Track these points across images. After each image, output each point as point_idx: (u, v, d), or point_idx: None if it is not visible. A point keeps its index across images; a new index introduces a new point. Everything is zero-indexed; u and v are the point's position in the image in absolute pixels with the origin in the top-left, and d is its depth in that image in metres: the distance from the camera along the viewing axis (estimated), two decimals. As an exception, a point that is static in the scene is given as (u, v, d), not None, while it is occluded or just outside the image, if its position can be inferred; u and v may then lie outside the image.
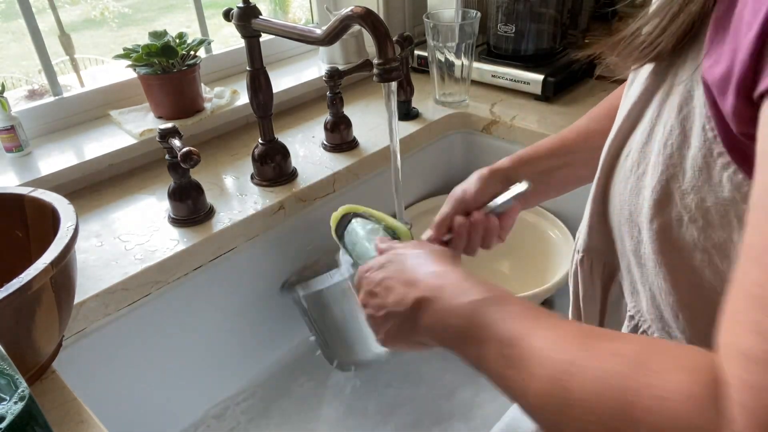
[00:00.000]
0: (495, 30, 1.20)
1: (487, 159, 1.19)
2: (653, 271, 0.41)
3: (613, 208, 0.46)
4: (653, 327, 0.44)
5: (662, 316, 0.43)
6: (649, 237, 0.40)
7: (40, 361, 0.58)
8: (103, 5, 4.44)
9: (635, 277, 0.45)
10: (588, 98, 1.15)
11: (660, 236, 0.39)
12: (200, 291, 0.85)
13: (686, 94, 0.36)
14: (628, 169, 0.43)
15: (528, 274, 1.10)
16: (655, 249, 0.40)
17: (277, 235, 0.93)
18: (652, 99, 0.41)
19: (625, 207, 0.43)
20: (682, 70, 0.37)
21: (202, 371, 0.92)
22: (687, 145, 0.36)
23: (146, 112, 1.05)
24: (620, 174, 0.44)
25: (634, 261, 0.44)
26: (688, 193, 0.36)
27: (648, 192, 0.39)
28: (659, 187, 0.38)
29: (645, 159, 0.40)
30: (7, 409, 0.37)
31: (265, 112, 0.89)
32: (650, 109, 0.41)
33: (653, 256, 0.40)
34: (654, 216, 0.39)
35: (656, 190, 0.38)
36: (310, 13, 1.40)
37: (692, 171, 0.36)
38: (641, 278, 0.44)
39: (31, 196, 0.62)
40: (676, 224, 0.38)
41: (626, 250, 0.45)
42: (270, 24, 0.77)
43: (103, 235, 0.82)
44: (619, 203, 0.44)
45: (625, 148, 0.44)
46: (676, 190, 0.37)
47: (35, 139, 0.99)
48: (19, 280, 0.48)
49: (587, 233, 0.51)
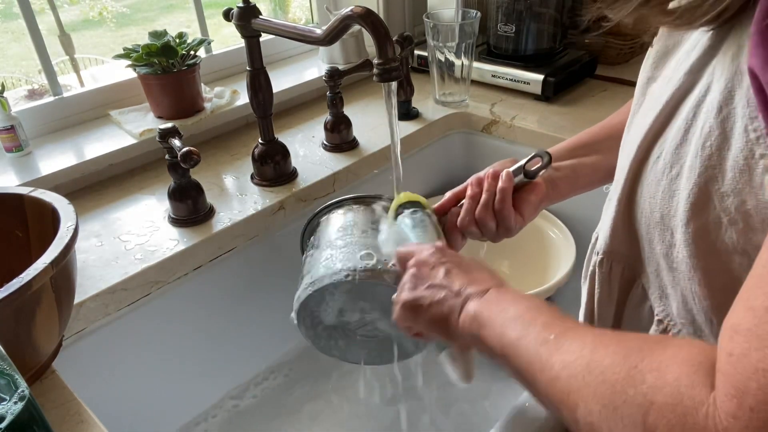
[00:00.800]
0: (495, 30, 1.20)
1: (487, 159, 1.19)
2: (687, 275, 0.41)
3: (642, 211, 0.45)
4: (684, 331, 0.44)
5: (694, 321, 0.42)
6: (684, 240, 0.39)
7: (40, 361, 0.58)
8: (102, 5, 4.44)
9: (665, 281, 0.44)
10: (588, 98, 1.15)
11: (696, 240, 0.38)
12: (200, 291, 0.85)
13: (726, 94, 0.35)
14: (659, 171, 0.42)
15: (528, 274, 1.10)
16: (690, 253, 0.39)
17: (277, 235, 0.93)
18: (686, 99, 0.40)
19: (656, 210, 0.42)
20: (721, 68, 0.36)
21: (201, 371, 0.92)
22: (727, 147, 0.35)
23: (146, 112, 1.05)
24: (650, 176, 0.43)
25: (665, 265, 0.43)
26: (728, 195, 0.36)
27: (684, 194, 0.38)
28: (696, 189, 0.37)
29: (679, 161, 0.39)
30: (7, 409, 0.37)
31: (265, 112, 0.89)
32: (683, 110, 0.40)
33: (688, 260, 0.40)
34: (690, 219, 0.38)
35: (693, 192, 0.38)
36: (310, 13, 1.40)
37: (732, 173, 0.35)
38: (672, 282, 0.43)
39: (31, 196, 0.62)
40: (714, 227, 0.37)
41: (655, 254, 0.44)
42: (270, 24, 0.77)
43: (103, 235, 0.82)
44: (649, 206, 0.43)
45: (654, 149, 0.43)
46: (714, 192, 0.36)
47: (35, 139, 0.99)
48: (19, 280, 0.48)
49: (609, 235, 0.50)
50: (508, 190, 0.61)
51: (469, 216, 0.63)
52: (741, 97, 0.34)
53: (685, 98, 0.40)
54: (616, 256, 0.51)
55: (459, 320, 0.47)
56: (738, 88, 0.34)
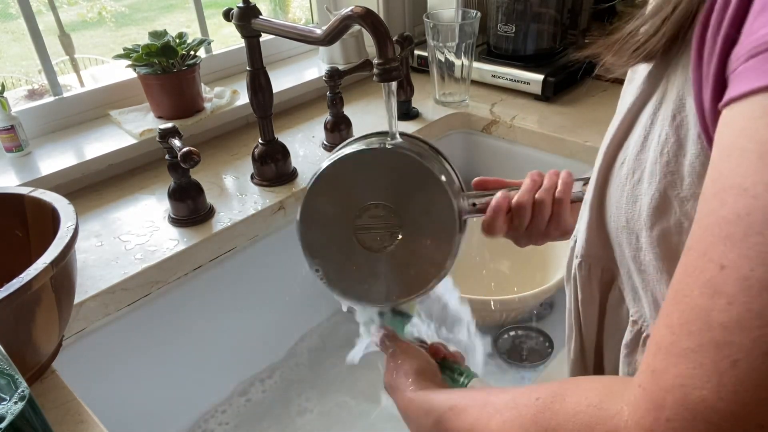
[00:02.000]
0: (495, 30, 1.20)
1: (487, 159, 1.19)
2: (655, 277, 0.41)
3: (610, 216, 0.46)
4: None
5: None
6: (649, 244, 0.40)
7: (40, 361, 0.58)
8: (101, 5, 4.44)
9: (636, 283, 0.45)
10: (588, 98, 1.15)
11: (660, 243, 0.39)
12: (200, 291, 0.85)
13: (678, 102, 0.36)
14: (623, 176, 0.43)
15: (528, 274, 1.10)
16: (656, 256, 0.40)
17: (277, 235, 0.93)
18: (645, 106, 0.41)
19: (621, 215, 0.43)
20: (674, 76, 0.37)
21: (201, 371, 0.92)
22: (683, 153, 0.36)
23: (146, 112, 1.05)
24: (616, 181, 0.44)
25: (634, 268, 0.44)
26: (687, 200, 0.36)
27: (646, 199, 0.39)
28: (657, 194, 0.38)
29: (640, 166, 0.40)
30: (7, 409, 0.37)
31: (265, 112, 0.89)
32: (644, 116, 0.41)
33: (654, 262, 0.40)
34: (654, 223, 0.39)
35: (654, 197, 0.38)
36: (310, 13, 1.40)
37: (690, 178, 0.36)
38: (642, 284, 0.44)
39: (31, 196, 0.62)
40: (675, 231, 0.38)
41: (625, 257, 0.45)
42: (270, 24, 0.77)
43: (103, 235, 0.82)
44: (615, 211, 0.44)
45: (619, 154, 0.44)
46: (674, 197, 0.37)
47: (35, 139, 0.99)
48: (19, 280, 0.48)
49: (585, 239, 0.51)
50: (570, 183, 0.61)
51: (528, 195, 0.61)
52: (691, 105, 0.35)
53: (644, 106, 0.41)
54: (593, 259, 0.51)
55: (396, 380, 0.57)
56: (688, 96, 0.35)
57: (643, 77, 0.42)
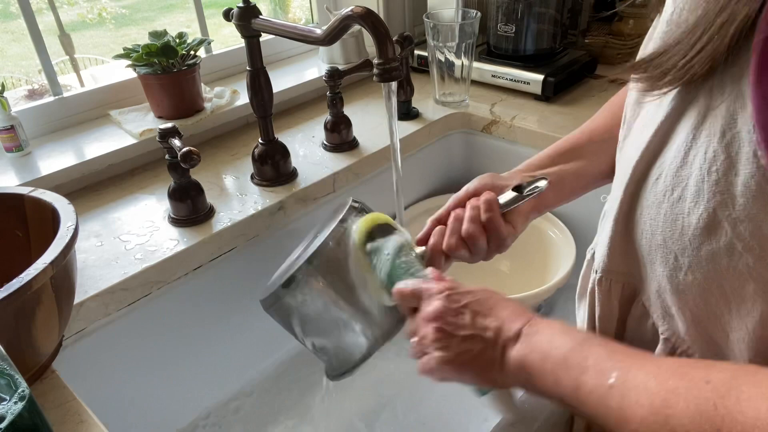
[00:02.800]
0: (495, 30, 1.20)
1: (487, 159, 1.19)
2: (698, 297, 0.40)
3: (642, 233, 0.44)
4: (693, 348, 0.44)
5: (708, 337, 0.42)
6: (696, 264, 0.39)
7: (40, 361, 0.58)
8: (101, 6, 4.44)
9: (668, 302, 0.44)
10: (588, 98, 1.15)
11: (709, 264, 0.38)
12: (200, 291, 0.85)
13: (729, 118, 0.34)
14: (660, 193, 0.41)
15: (528, 274, 1.10)
16: (703, 276, 0.39)
17: (277, 235, 0.93)
18: (682, 119, 0.39)
19: (657, 233, 0.41)
20: (720, 90, 0.35)
21: (201, 371, 0.92)
22: (735, 172, 0.34)
23: (146, 112, 1.05)
24: (650, 198, 0.42)
25: (669, 287, 0.42)
26: (741, 221, 0.35)
27: (693, 219, 0.38)
28: (706, 215, 0.37)
29: (681, 183, 0.38)
30: (7, 409, 0.37)
31: (265, 112, 0.89)
32: (681, 131, 0.39)
33: (702, 282, 0.39)
34: (701, 244, 0.38)
35: (703, 218, 0.37)
36: (310, 13, 1.40)
37: (744, 198, 0.34)
38: (677, 303, 0.42)
39: (31, 196, 0.62)
40: (726, 253, 0.36)
41: (657, 275, 0.43)
42: (270, 24, 0.77)
43: (103, 235, 0.82)
44: (650, 228, 0.42)
45: (653, 169, 0.42)
46: (725, 218, 0.36)
47: (35, 139, 0.99)
48: (19, 280, 0.48)
49: (607, 254, 0.49)
50: (493, 200, 0.58)
51: (455, 235, 0.59)
52: (745, 121, 0.33)
53: (681, 118, 0.39)
54: (615, 274, 0.50)
55: (503, 370, 0.45)
56: (741, 111, 0.33)
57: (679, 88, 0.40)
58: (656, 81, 0.38)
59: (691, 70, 0.35)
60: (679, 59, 0.36)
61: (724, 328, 0.40)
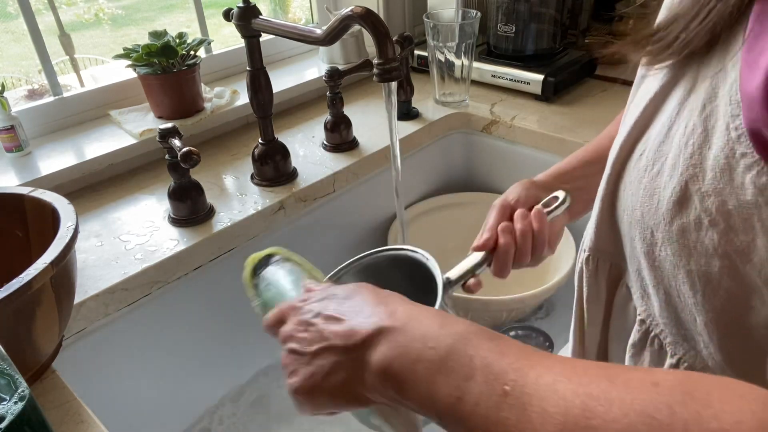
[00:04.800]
0: (495, 30, 1.20)
1: (487, 159, 1.19)
2: (671, 272, 0.40)
3: (624, 209, 0.44)
4: (666, 331, 0.44)
5: (679, 319, 0.42)
6: (668, 239, 0.39)
7: (40, 361, 0.58)
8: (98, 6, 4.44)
9: (646, 280, 0.44)
10: (588, 98, 1.15)
11: (680, 239, 0.38)
12: (200, 291, 0.85)
13: (710, 92, 0.35)
14: (641, 168, 0.41)
15: (528, 274, 1.10)
16: (673, 251, 0.39)
17: (277, 235, 0.93)
18: (670, 96, 0.40)
19: (637, 208, 0.42)
20: (706, 67, 0.36)
21: (201, 371, 0.92)
22: (708, 145, 0.34)
23: (146, 112, 1.05)
24: (632, 173, 0.43)
25: (646, 264, 0.42)
26: (708, 195, 0.35)
27: (666, 192, 0.38)
28: (678, 188, 0.37)
29: (661, 158, 0.39)
30: (7, 409, 0.37)
31: (265, 112, 0.89)
32: (668, 106, 0.40)
33: (671, 258, 0.39)
34: (673, 218, 0.38)
35: (675, 191, 0.37)
36: (310, 13, 1.40)
37: (713, 172, 0.34)
38: (653, 281, 0.43)
39: (31, 196, 0.62)
40: (694, 227, 0.36)
41: (637, 253, 0.44)
42: (270, 24, 0.77)
43: (103, 235, 0.82)
44: (630, 204, 0.43)
45: (638, 146, 0.43)
46: (695, 192, 0.36)
47: (35, 139, 0.99)
48: (19, 280, 0.48)
49: (594, 233, 0.50)
50: (540, 213, 0.58)
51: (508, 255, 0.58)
52: (724, 94, 0.34)
53: (668, 95, 0.40)
54: (601, 254, 0.50)
55: (366, 386, 0.36)
56: (722, 84, 0.34)
57: (666, 68, 0.40)
58: (658, 55, 0.38)
59: (690, 44, 0.36)
60: (680, 32, 0.36)
61: (691, 310, 0.39)
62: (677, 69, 0.39)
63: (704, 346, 0.40)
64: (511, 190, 0.62)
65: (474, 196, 1.19)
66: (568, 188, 0.61)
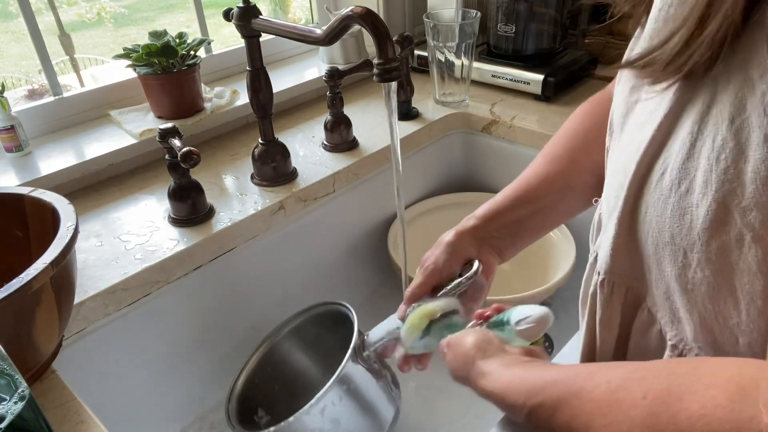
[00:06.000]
0: (495, 30, 1.20)
1: (486, 159, 1.19)
2: (708, 294, 0.38)
3: (648, 231, 0.42)
4: (701, 355, 0.42)
5: (716, 342, 0.40)
6: (705, 259, 0.37)
7: (40, 361, 0.58)
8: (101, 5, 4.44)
9: (677, 304, 0.42)
10: (588, 98, 1.15)
11: (719, 258, 0.36)
12: (200, 291, 0.85)
13: (737, 104, 0.34)
14: (666, 188, 0.39)
15: (528, 273, 1.10)
16: (712, 272, 0.37)
17: (277, 235, 0.93)
18: (685, 112, 0.38)
19: (665, 230, 0.40)
20: (726, 77, 0.35)
21: (201, 371, 0.92)
22: (744, 159, 0.33)
23: (146, 112, 1.05)
24: (655, 194, 0.41)
25: (678, 287, 0.41)
26: (750, 209, 0.33)
27: (701, 211, 0.36)
28: (715, 205, 0.35)
29: (688, 176, 0.37)
30: (7, 409, 0.37)
31: (265, 112, 0.89)
32: (685, 123, 0.38)
33: (711, 279, 0.37)
34: (710, 237, 0.36)
35: (711, 209, 0.35)
36: (310, 13, 1.40)
37: (753, 185, 0.33)
38: (686, 305, 0.41)
39: (31, 196, 0.62)
40: (735, 245, 0.35)
41: (665, 276, 0.42)
42: (270, 24, 0.77)
43: (103, 235, 0.82)
44: (657, 226, 0.41)
45: (657, 165, 0.41)
46: (734, 207, 0.34)
47: (35, 139, 0.99)
48: (19, 280, 0.48)
49: (610, 255, 0.47)
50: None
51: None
52: (755, 105, 0.33)
53: (684, 110, 0.38)
54: (618, 277, 0.48)
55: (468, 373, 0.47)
56: (750, 96, 0.33)
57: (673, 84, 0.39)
58: (657, 74, 0.38)
59: (690, 60, 0.35)
60: (676, 50, 0.35)
61: (733, 331, 0.38)
62: (687, 84, 0.38)
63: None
64: (440, 253, 0.61)
65: (474, 196, 1.19)
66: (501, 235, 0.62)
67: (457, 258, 0.60)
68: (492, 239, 0.62)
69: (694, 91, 0.38)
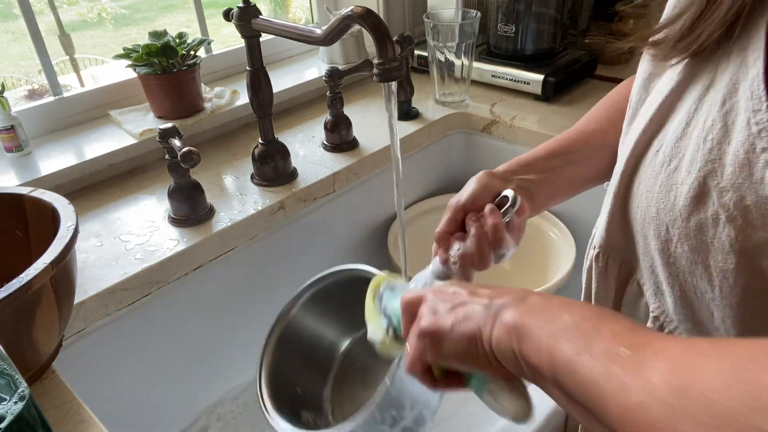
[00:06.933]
0: (495, 30, 1.20)
1: (487, 159, 1.19)
2: (687, 269, 0.40)
3: (638, 206, 0.44)
4: (681, 327, 0.43)
5: (694, 315, 0.41)
6: (685, 235, 0.38)
7: (40, 361, 0.58)
8: (101, 6, 4.44)
9: (660, 277, 0.44)
10: (588, 98, 1.15)
11: (697, 235, 0.38)
12: (200, 291, 0.85)
13: (731, 87, 0.35)
14: (658, 164, 0.41)
15: (528, 273, 1.10)
16: (690, 247, 0.38)
17: (277, 235, 0.93)
18: (687, 91, 0.39)
19: (652, 205, 0.41)
20: (726, 61, 0.36)
21: (201, 371, 0.92)
22: (728, 140, 0.34)
23: (146, 112, 1.05)
24: (648, 170, 0.42)
25: (661, 261, 0.42)
26: (726, 190, 0.35)
27: (684, 188, 0.38)
28: (696, 183, 0.36)
29: (678, 154, 0.39)
30: (7, 409, 0.37)
31: (265, 112, 0.89)
32: (685, 102, 0.39)
33: (688, 254, 0.39)
34: (690, 214, 0.38)
35: (693, 186, 0.37)
36: (310, 13, 1.40)
37: (732, 167, 0.34)
38: (668, 278, 0.42)
39: (31, 196, 0.62)
40: (712, 223, 0.36)
41: (650, 249, 0.43)
42: (270, 24, 0.77)
43: (103, 235, 0.82)
44: (645, 200, 0.42)
45: (654, 142, 0.42)
46: (713, 187, 0.35)
47: (35, 139, 0.99)
48: (19, 280, 0.48)
49: (605, 229, 0.49)
50: (500, 225, 0.54)
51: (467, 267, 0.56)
52: (745, 89, 0.33)
53: (686, 91, 0.40)
54: (612, 250, 0.50)
55: (492, 336, 0.36)
56: (743, 80, 0.34)
57: (681, 64, 0.40)
58: (667, 51, 0.38)
59: (698, 39, 0.36)
60: (686, 27, 0.36)
61: (708, 305, 0.39)
62: (694, 64, 0.39)
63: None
64: (466, 187, 0.58)
65: (474, 196, 1.19)
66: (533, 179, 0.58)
67: (484, 191, 0.56)
68: (522, 182, 0.58)
69: (697, 72, 0.39)
